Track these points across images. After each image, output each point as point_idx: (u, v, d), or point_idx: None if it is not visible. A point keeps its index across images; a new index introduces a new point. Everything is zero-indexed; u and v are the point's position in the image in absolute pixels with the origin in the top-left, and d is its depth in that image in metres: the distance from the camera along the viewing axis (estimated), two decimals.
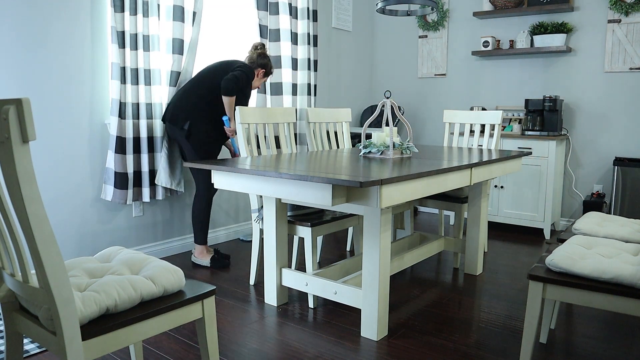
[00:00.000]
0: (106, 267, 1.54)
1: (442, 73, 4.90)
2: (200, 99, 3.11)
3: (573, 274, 1.68)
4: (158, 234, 3.43)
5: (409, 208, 3.44)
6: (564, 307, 2.64)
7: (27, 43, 2.70)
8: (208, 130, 3.14)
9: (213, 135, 3.17)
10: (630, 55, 3.96)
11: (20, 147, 1.08)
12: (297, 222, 2.60)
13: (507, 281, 3.03)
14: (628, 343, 2.24)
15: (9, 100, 1.07)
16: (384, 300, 2.25)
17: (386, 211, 2.20)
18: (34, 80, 2.74)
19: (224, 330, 2.32)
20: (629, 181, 3.79)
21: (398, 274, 3.15)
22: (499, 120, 3.48)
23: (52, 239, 1.15)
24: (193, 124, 3.09)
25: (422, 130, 5.10)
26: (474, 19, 4.67)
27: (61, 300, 1.18)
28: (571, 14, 4.19)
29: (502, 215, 4.26)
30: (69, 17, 2.85)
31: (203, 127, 3.12)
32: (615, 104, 4.07)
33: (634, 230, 2.14)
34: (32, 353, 2.07)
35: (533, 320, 1.75)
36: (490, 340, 2.25)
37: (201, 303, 1.53)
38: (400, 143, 2.69)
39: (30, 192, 1.11)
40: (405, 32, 5.10)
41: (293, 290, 2.84)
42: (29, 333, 1.38)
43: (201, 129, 3.11)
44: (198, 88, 3.13)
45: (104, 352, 1.30)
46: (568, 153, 4.31)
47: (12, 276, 1.32)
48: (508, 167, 2.94)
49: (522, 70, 4.47)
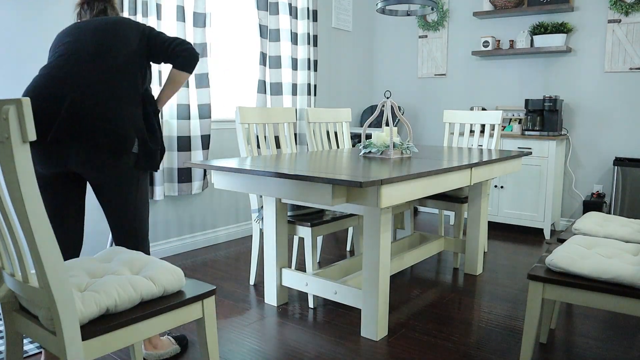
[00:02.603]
0: (106, 267, 1.54)
1: (442, 73, 4.90)
2: (128, 90, 1.90)
3: (573, 274, 1.68)
4: (158, 234, 3.43)
5: (409, 208, 3.44)
6: (564, 307, 2.64)
7: (27, 43, 2.70)
8: (158, 141, 2.02)
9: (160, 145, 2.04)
10: (630, 55, 3.96)
11: (20, 147, 1.08)
12: (297, 222, 2.60)
13: (507, 281, 3.03)
14: (628, 343, 2.24)
15: (9, 100, 1.07)
16: (384, 300, 2.25)
17: (386, 211, 2.20)
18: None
19: (224, 330, 2.32)
20: (629, 181, 3.79)
21: (398, 274, 3.15)
22: (499, 120, 3.48)
23: (52, 239, 1.15)
24: (141, 139, 1.91)
25: (422, 130, 5.10)
26: (474, 19, 4.67)
27: (61, 300, 1.18)
28: (571, 14, 4.19)
29: (502, 215, 4.26)
30: (70, 17, 2.85)
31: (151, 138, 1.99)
32: (615, 104, 4.07)
33: (634, 230, 2.14)
34: (32, 353, 2.06)
35: (533, 320, 1.75)
36: (490, 340, 2.25)
37: (201, 303, 1.53)
38: (400, 143, 2.69)
39: (30, 192, 1.11)
40: (405, 32, 5.10)
41: (293, 290, 2.84)
42: (29, 333, 1.38)
43: (149, 141, 1.96)
44: (111, 72, 1.86)
45: (104, 352, 1.30)
46: (568, 153, 4.31)
47: (12, 276, 1.32)
48: (508, 167, 2.94)
49: (522, 70, 4.47)
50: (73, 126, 1.76)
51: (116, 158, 1.84)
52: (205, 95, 3.50)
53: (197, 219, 3.69)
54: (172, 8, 3.32)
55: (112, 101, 1.82)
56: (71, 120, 1.76)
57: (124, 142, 1.83)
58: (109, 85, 1.83)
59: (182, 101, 3.37)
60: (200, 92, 3.50)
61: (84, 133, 1.77)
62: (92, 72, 1.83)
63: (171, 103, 3.44)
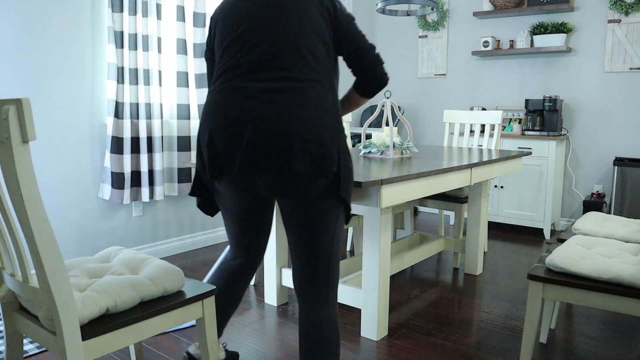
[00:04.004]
0: (106, 267, 1.54)
1: (442, 73, 4.90)
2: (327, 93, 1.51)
3: (573, 274, 1.68)
4: (158, 234, 3.43)
5: (409, 208, 3.44)
6: (564, 307, 2.64)
7: (27, 43, 2.70)
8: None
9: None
10: (630, 55, 3.96)
11: (20, 147, 1.08)
12: None
13: (507, 281, 3.03)
14: (628, 343, 2.24)
15: (9, 100, 1.06)
16: (384, 300, 2.25)
17: (386, 211, 2.20)
18: (34, 80, 2.74)
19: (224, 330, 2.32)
20: (629, 181, 3.79)
21: (398, 274, 3.15)
22: (499, 120, 3.48)
23: (52, 239, 1.15)
24: (344, 157, 1.50)
25: (422, 130, 5.10)
26: (474, 19, 4.67)
27: (61, 300, 1.18)
28: (571, 14, 4.19)
29: (502, 215, 4.25)
30: (70, 17, 2.85)
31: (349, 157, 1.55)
32: (616, 104, 4.07)
33: (634, 230, 2.14)
34: (32, 353, 2.06)
35: (533, 320, 1.75)
36: (490, 340, 2.25)
37: (201, 303, 1.53)
38: (400, 143, 2.69)
39: (30, 192, 1.11)
40: (405, 32, 5.10)
41: (293, 290, 2.85)
42: (29, 333, 1.38)
43: (349, 162, 1.54)
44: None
45: (104, 352, 1.30)
46: (568, 153, 4.31)
47: (12, 276, 1.32)
48: (508, 167, 2.94)
49: (522, 70, 4.47)
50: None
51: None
52: (205, 95, 3.49)
53: (197, 219, 3.69)
54: (172, 8, 3.32)
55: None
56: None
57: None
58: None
59: (182, 101, 3.37)
60: (200, 92, 3.50)
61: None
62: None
63: (171, 103, 3.44)
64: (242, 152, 1.42)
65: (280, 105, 1.41)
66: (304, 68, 1.46)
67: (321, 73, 1.49)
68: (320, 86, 1.48)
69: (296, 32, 1.47)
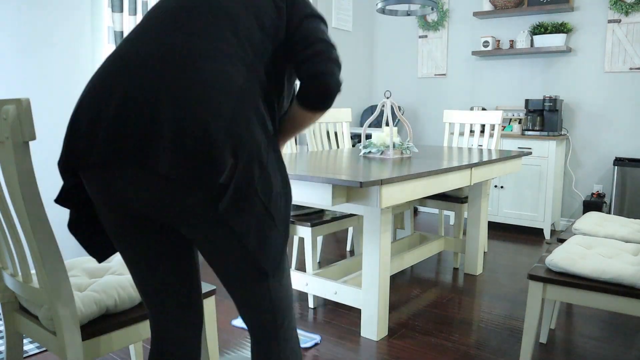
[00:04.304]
0: (106, 267, 1.54)
1: (442, 73, 4.90)
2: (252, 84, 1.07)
3: (573, 274, 1.68)
4: None
5: (409, 208, 3.44)
6: (564, 307, 2.64)
7: (27, 43, 2.70)
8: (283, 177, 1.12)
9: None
10: (630, 55, 3.96)
11: (20, 147, 1.08)
12: (297, 222, 2.60)
13: (507, 281, 3.02)
14: (628, 343, 2.24)
15: (9, 100, 1.06)
16: (384, 300, 2.25)
17: (386, 211, 2.20)
18: (34, 80, 2.74)
19: (224, 331, 2.32)
20: (629, 181, 3.79)
21: (398, 274, 3.15)
22: (499, 120, 3.48)
23: (52, 239, 1.15)
24: (248, 168, 0.99)
25: (422, 130, 5.10)
26: (474, 19, 4.67)
27: (61, 300, 1.18)
28: (571, 14, 4.19)
29: (502, 215, 4.25)
30: (70, 17, 2.85)
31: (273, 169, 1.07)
32: (615, 104, 4.07)
33: (634, 230, 2.14)
34: (32, 353, 2.06)
35: (533, 320, 1.75)
36: (490, 340, 2.25)
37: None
38: (400, 143, 2.69)
39: (30, 192, 1.11)
40: (405, 32, 5.10)
41: (293, 290, 2.84)
42: (29, 333, 1.38)
43: (274, 177, 1.07)
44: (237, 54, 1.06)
45: (104, 352, 1.30)
46: (568, 153, 4.31)
47: (12, 276, 1.32)
48: (508, 167, 2.94)
49: (522, 70, 4.47)
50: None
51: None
52: None
53: None
54: None
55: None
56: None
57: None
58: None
59: None
60: None
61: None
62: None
63: None
64: (100, 138, 0.97)
65: (165, 77, 0.97)
66: (225, 42, 1.04)
67: (253, 59, 1.07)
68: (246, 69, 1.04)
69: (232, 10, 1.08)
